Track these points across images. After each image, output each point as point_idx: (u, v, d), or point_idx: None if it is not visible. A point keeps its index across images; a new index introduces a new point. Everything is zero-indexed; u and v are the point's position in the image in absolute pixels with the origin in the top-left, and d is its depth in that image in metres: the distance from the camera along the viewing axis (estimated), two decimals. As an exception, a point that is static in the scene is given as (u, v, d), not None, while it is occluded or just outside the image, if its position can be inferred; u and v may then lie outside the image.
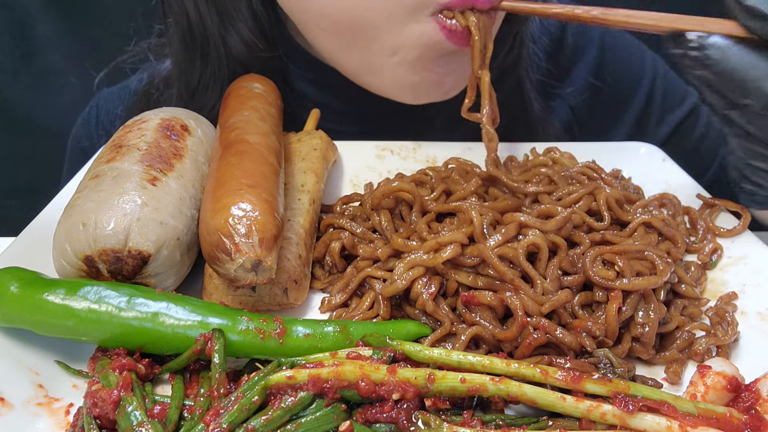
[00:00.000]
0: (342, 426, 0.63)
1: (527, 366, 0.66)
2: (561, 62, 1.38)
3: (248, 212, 0.71)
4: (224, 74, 1.13)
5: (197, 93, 1.17)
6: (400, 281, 0.78)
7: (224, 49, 1.12)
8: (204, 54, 1.14)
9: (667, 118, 1.43)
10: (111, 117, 1.41)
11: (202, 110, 1.10)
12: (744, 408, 0.65)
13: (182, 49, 1.17)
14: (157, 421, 0.62)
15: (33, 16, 1.86)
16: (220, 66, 1.13)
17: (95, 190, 0.77)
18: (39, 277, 0.73)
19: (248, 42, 1.11)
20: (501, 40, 1.21)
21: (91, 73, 1.41)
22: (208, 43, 1.13)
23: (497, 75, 1.21)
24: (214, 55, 1.13)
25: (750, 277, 0.87)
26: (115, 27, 1.71)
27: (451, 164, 1.03)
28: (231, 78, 1.10)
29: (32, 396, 0.68)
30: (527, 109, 1.29)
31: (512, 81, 1.27)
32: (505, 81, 1.25)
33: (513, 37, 1.23)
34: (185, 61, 1.17)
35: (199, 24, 1.12)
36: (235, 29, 1.11)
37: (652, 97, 1.42)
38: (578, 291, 0.77)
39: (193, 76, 1.17)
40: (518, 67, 1.26)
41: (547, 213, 0.83)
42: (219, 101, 1.10)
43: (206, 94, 1.16)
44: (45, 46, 1.90)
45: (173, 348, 0.71)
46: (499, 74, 1.22)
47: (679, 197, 1.00)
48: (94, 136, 1.42)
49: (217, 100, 1.13)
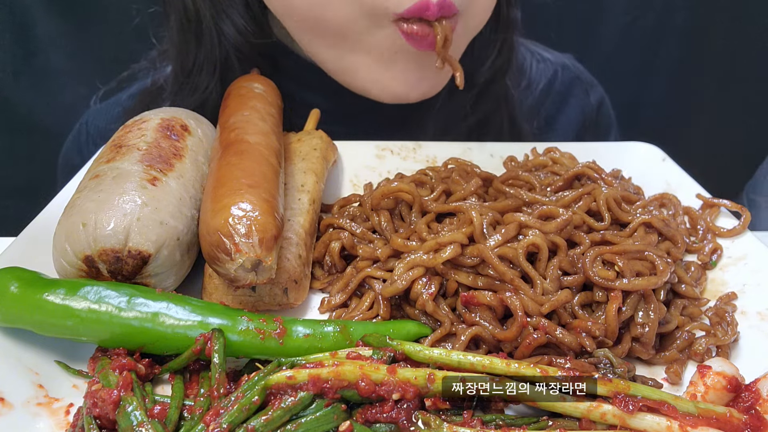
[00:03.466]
0: (342, 426, 0.63)
1: (527, 366, 0.66)
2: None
3: (248, 212, 0.71)
4: (217, 56, 1.17)
5: (192, 74, 1.21)
6: (400, 281, 0.78)
7: (217, 34, 1.16)
8: (198, 36, 1.19)
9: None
10: (101, 132, 1.43)
11: (197, 90, 1.17)
12: (744, 408, 0.65)
13: (179, 30, 1.21)
14: (157, 421, 0.62)
15: (34, 16, 1.86)
16: (213, 48, 1.17)
17: (95, 190, 0.77)
18: (39, 277, 0.73)
19: (240, 29, 1.15)
20: (489, 46, 1.24)
21: (97, 86, 1.43)
22: (201, 27, 1.17)
23: (485, 82, 1.24)
24: (208, 38, 1.17)
25: (750, 277, 0.87)
26: (116, 27, 1.71)
27: (451, 164, 1.03)
28: (224, 60, 1.16)
29: (32, 396, 0.68)
30: (513, 114, 1.36)
31: (500, 89, 1.30)
32: (493, 88, 1.29)
33: (501, 44, 1.26)
34: (181, 42, 1.21)
35: (193, 10, 1.17)
36: (228, 16, 1.15)
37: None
38: (578, 291, 0.77)
39: (188, 57, 1.21)
40: (507, 73, 1.30)
41: (548, 214, 0.83)
42: (212, 82, 1.17)
43: (200, 75, 1.20)
44: (45, 46, 1.90)
45: (173, 348, 0.71)
46: (487, 81, 1.26)
47: (679, 197, 1.00)
48: (84, 152, 1.43)
49: (210, 80, 1.18)
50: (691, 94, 2.18)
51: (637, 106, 2.17)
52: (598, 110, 1.53)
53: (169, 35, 1.26)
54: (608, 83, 1.64)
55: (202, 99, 1.19)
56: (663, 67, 2.16)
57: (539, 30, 1.47)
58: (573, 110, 1.50)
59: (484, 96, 1.30)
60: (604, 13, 2.08)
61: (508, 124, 1.34)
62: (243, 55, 1.17)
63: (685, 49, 2.12)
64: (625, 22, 2.09)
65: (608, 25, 2.09)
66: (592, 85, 1.55)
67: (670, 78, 2.18)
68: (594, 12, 2.07)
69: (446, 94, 1.24)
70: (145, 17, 1.33)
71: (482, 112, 1.31)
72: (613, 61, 2.11)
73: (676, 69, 2.16)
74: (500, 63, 1.28)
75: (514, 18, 1.28)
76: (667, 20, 2.08)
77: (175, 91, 1.25)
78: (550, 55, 1.51)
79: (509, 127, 1.35)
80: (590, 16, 2.07)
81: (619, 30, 2.10)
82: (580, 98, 1.51)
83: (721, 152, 2.06)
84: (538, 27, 1.43)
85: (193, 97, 1.20)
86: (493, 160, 1.14)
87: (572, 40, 1.91)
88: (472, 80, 1.27)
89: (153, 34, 1.33)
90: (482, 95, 1.29)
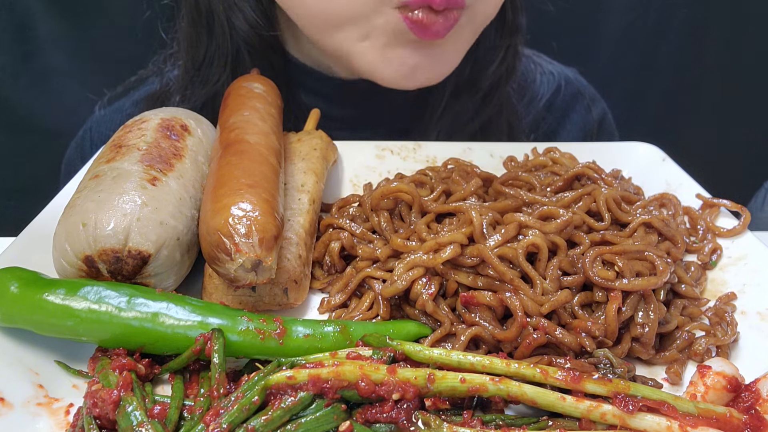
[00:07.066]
0: (342, 426, 0.63)
1: (527, 366, 0.66)
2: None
3: (248, 212, 0.71)
4: (228, 49, 1.19)
5: (203, 67, 1.23)
6: (400, 282, 0.78)
7: (228, 27, 1.18)
8: (210, 29, 1.21)
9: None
10: (105, 140, 1.43)
11: (207, 83, 1.20)
12: (744, 408, 0.65)
13: (190, 23, 1.23)
14: (157, 421, 0.62)
15: (34, 16, 1.86)
16: (224, 42, 1.19)
17: (95, 190, 0.77)
18: (39, 277, 0.73)
19: (252, 22, 1.17)
20: (493, 51, 1.25)
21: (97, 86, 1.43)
22: (213, 20, 1.19)
23: (489, 87, 1.25)
24: (219, 31, 1.19)
25: (750, 277, 0.87)
26: (116, 27, 1.71)
27: (451, 164, 1.03)
28: (235, 54, 1.18)
29: (32, 396, 0.68)
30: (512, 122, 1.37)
31: (503, 95, 1.32)
32: (496, 93, 1.30)
33: (506, 49, 1.27)
34: (192, 35, 1.23)
35: (205, 2, 1.19)
36: (240, 9, 1.17)
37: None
38: (578, 291, 0.77)
39: (199, 50, 1.23)
40: (510, 79, 1.31)
41: (548, 214, 0.83)
42: (224, 75, 1.19)
43: (211, 68, 1.22)
44: (45, 46, 1.90)
45: (173, 348, 0.71)
46: (491, 86, 1.27)
47: (679, 197, 1.00)
48: (88, 158, 1.43)
49: (222, 73, 1.20)
50: (691, 94, 2.18)
51: (637, 106, 2.18)
52: (599, 126, 1.53)
53: (180, 28, 1.28)
54: (608, 83, 1.64)
55: (212, 92, 1.21)
56: (663, 67, 2.16)
57: (540, 34, 1.47)
58: (574, 126, 1.50)
59: (487, 101, 1.31)
60: (605, 13, 2.08)
61: (507, 131, 1.35)
62: (254, 49, 1.19)
63: (686, 49, 2.12)
64: (625, 22, 2.09)
65: (608, 25, 2.10)
66: (594, 100, 1.54)
67: (670, 78, 2.18)
68: (594, 12, 2.07)
69: (450, 98, 1.25)
70: (152, 14, 1.33)
71: (485, 115, 1.32)
72: (613, 61, 2.11)
73: (677, 69, 2.16)
74: (504, 68, 1.29)
75: (519, 24, 1.29)
76: (668, 20, 2.08)
77: (184, 85, 1.26)
78: (554, 69, 1.52)
79: (508, 138, 1.36)
80: (590, 17, 2.07)
81: (619, 30, 2.10)
82: (581, 114, 1.51)
83: (721, 152, 2.06)
84: (539, 31, 1.43)
85: (204, 90, 1.22)
86: (493, 160, 1.14)
87: (573, 41, 1.91)
88: (476, 85, 1.28)
89: (162, 29, 1.34)
90: (486, 100, 1.30)
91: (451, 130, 1.29)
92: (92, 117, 1.48)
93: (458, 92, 1.27)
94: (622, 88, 2.09)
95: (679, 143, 1.26)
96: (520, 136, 1.38)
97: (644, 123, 2.08)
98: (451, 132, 1.29)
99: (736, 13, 2.04)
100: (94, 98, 1.48)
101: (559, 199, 0.88)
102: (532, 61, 1.49)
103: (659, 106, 2.22)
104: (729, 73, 2.11)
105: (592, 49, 2.09)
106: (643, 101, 2.21)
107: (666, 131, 1.66)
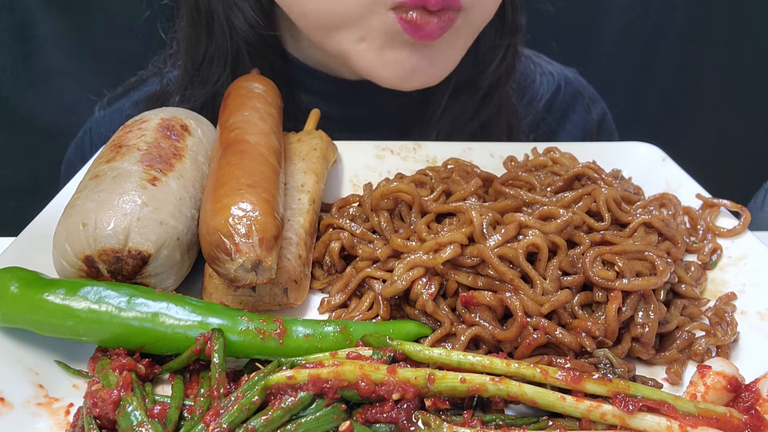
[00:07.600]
0: (342, 426, 0.63)
1: (527, 366, 0.66)
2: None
3: (248, 212, 0.71)
4: (228, 49, 1.19)
5: (203, 66, 1.23)
6: (401, 282, 0.78)
7: (228, 27, 1.18)
8: (209, 29, 1.21)
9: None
10: (104, 140, 1.43)
11: (207, 83, 1.20)
12: (744, 408, 0.65)
13: (189, 23, 1.23)
14: (157, 421, 0.62)
15: (34, 16, 1.86)
16: (224, 41, 1.19)
17: (95, 190, 0.77)
18: (39, 277, 0.73)
19: (251, 22, 1.17)
20: (493, 51, 1.25)
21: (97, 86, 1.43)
22: (212, 20, 1.19)
23: (489, 86, 1.25)
24: (219, 31, 1.19)
25: (750, 277, 0.87)
26: (116, 27, 1.71)
27: (451, 164, 1.03)
28: (235, 53, 1.18)
29: (32, 396, 0.68)
30: (512, 122, 1.37)
31: (503, 94, 1.32)
32: (496, 93, 1.31)
33: (505, 49, 1.27)
34: (192, 36, 1.24)
35: (204, 2, 1.19)
36: (240, 9, 1.17)
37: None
38: (578, 291, 0.77)
39: (198, 50, 1.23)
40: (510, 79, 1.31)
41: (548, 214, 0.83)
42: (223, 75, 1.19)
43: (211, 68, 1.22)
44: (45, 46, 1.90)
45: (173, 348, 0.71)
46: (491, 86, 1.27)
47: (679, 197, 1.00)
48: (88, 159, 1.43)
49: (221, 73, 1.21)
50: (691, 94, 2.18)
51: (637, 106, 2.18)
52: (599, 127, 1.54)
53: (180, 28, 1.28)
54: (608, 83, 1.64)
55: (212, 92, 1.21)
56: (663, 67, 2.16)
57: (540, 34, 1.47)
58: (574, 126, 1.50)
59: (487, 101, 1.31)
60: (605, 13, 2.08)
61: (507, 131, 1.35)
62: (253, 49, 1.19)
63: (686, 49, 2.12)
64: (625, 22, 2.09)
65: (608, 25, 2.10)
66: (594, 101, 1.54)
67: (670, 78, 2.18)
68: (594, 12, 2.07)
69: (449, 98, 1.25)
70: (152, 14, 1.33)
71: (485, 115, 1.32)
72: (613, 61, 2.11)
73: (677, 69, 2.16)
74: (504, 68, 1.29)
75: (518, 24, 1.29)
76: (668, 20, 2.08)
77: (184, 85, 1.26)
78: (553, 69, 1.52)
79: (508, 138, 1.36)
80: (590, 17, 2.07)
81: (619, 30, 2.10)
82: (581, 114, 1.51)
83: (721, 152, 2.06)
84: (539, 31, 1.43)
85: (204, 90, 1.22)
86: (493, 160, 1.14)
87: (573, 41, 1.91)
88: (476, 85, 1.28)
89: (162, 28, 1.34)
90: (485, 100, 1.30)
91: (451, 130, 1.30)
92: (92, 118, 1.48)
93: (458, 92, 1.27)
94: (622, 88, 2.09)
95: (679, 143, 1.26)
96: (519, 136, 1.38)
97: (644, 123, 2.08)
98: (451, 132, 1.29)
99: (736, 13, 2.04)
100: (94, 99, 1.48)
101: (559, 199, 0.88)
102: (531, 61, 1.49)
103: (659, 106, 2.22)
104: (729, 73, 2.11)
105: (592, 49, 2.09)
106: (643, 101, 2.21)
107: (666, 131, 1.67)
